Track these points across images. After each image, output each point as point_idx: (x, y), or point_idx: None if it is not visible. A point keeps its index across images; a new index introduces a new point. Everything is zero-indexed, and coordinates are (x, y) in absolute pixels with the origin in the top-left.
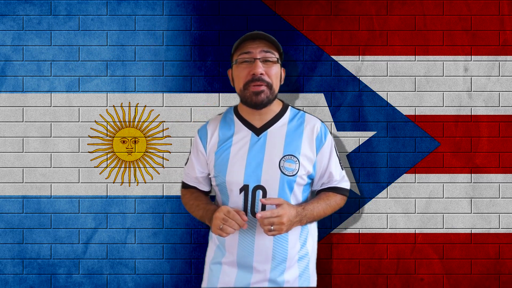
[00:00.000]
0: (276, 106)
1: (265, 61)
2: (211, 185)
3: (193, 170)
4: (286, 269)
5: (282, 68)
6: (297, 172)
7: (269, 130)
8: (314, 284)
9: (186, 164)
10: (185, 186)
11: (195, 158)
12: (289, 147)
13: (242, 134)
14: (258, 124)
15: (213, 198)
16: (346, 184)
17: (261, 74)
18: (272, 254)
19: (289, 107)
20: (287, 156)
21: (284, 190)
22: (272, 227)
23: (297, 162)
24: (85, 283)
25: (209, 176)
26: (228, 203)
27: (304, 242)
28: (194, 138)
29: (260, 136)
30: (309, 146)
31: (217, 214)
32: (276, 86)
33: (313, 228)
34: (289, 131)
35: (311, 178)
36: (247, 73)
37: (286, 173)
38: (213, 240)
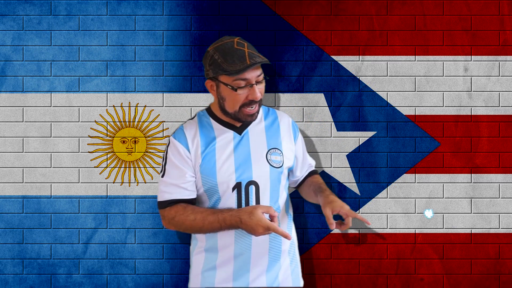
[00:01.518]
0: None
1: (258, 82)
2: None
3: (181, 177)
4: (281, 260)
5: None
6: (282, 164)
7: (249, 127)
8: (301, 282)
9: (163, 176)
10: (168, 204)
11: (181, 163)
12: (271, 141)
13: (224, 135)
14: (237, 123)
15: None
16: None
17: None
18: (269, 246)
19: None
20: (272, 150)
21: (274, 182)
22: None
23: (281, 154)
24: (85, 283)
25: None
26: (219, 205)
27: (289, 230)
28: (170, 145)
29: (242, 134)
30: (288, 138)
31: (260, 231)
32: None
33: (293, 220)
34: (266, 126)
35: (290, 169)
36: (245, 97)
37: (274, 165)
38: (200, 244)
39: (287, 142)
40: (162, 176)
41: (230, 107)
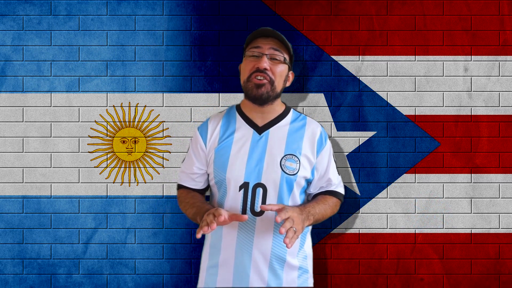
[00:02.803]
0: (279, 107)
1: (272, 58)
2: (207, 184)
3: (190, 167)
4: (285, 270)
5: (291, 72)
6: (297, 172)
7: (271, 129)
8: (311, 285)
9: (182, 162)
10: (179, 187)
11: (194, 154)
12: (291, 147)
13: (244, 132)
14: (260, 122)
15: (207, 199)
16: (342, 189)
17: (265, 68)
18: (271, 253)
19: (292, 109)
20: (288, 155)
21: (283, 189)
22: (294, 228)
23: (298, 162)
24: (85, 283)
25: (207, 173)
26: (225, 200)
27: (302, 243)
28: (193, 134)
29: (262, 134)
30: (310, 148)
31: (210, 210)
32: (278, 85)
33: (308, 231)
34: (290, 131)
35: (308, 181)
36: (252, 66)
37: (287, 171)
38: (208, 241)
39: (307, 152)
40: (182, 162)
41: (242, 78)
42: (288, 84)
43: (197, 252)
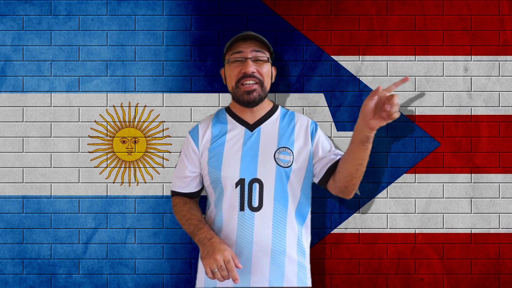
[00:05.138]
0: (267, 104)
1: (256, 60)
2: (201, 186)
3: (183, 171)
4: (286, 264)
5: (273, 67)
6: (291, 164)
7: (262, 125)
8: (309, 283)
9: (176, 166)
10: (173, 194)
11: (186, 157)
12: (282, 140)
13: (236, 131)
14: (251, 120)
15: (203, 200)
16: None
17: (253, 72)
18: (271, 248)
19: (279, 106)
20: (282, 148)
21: (280, 181)
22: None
23: (291, 154)
24: (85, 283)
25: (201, 176)
26: (223, 199)
27: (299, 238)
28: (185, 139)
29: (253, 131)
30: (303, 139)
31: (217, 257)
32: (267, 84)
33: (306, 226)
34: (281, 126)
35: (308, 171)
36: (239, 71)
37: (281, 164)
38: None
39: (300, 143)
40: (175, 167)
41: (230, 84)
42: (272, 80)
43: (197, 252)
